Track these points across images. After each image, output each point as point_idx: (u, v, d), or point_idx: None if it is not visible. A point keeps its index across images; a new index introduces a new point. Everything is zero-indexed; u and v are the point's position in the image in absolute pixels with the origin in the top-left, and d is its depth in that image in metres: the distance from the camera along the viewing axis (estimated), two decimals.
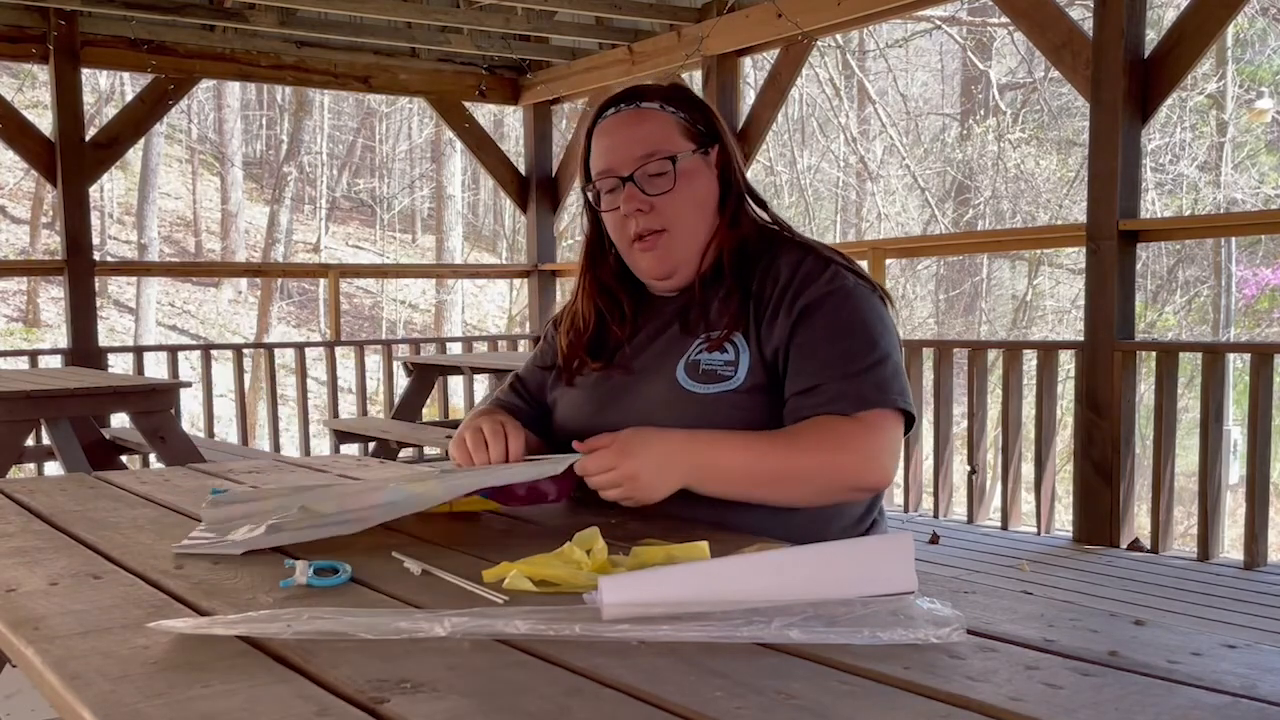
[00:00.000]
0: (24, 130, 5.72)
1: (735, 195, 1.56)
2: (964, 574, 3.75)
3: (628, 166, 1.50)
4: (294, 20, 5.88)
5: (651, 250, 1.52)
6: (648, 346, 1.55)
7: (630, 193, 1.50)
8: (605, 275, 1.62)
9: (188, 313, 18.11)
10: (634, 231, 1.52)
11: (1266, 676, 0.79)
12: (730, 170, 1.57)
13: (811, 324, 1.43)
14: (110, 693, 0.78)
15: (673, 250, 1.52)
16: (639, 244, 1.52)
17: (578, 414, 1.57)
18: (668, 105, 1.54)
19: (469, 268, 16.85)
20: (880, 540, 1.04)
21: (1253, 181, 13.84)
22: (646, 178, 1.50)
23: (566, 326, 1.64)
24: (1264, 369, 3.83)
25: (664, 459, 1.32)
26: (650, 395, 1.49)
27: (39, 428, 4.84)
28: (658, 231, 1.51)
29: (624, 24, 6.21)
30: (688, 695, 0.76)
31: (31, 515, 1.48)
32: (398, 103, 19.94)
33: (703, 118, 1.56)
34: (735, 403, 1.43)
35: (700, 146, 1.54)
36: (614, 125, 1.55)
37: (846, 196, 17.45)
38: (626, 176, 1.50)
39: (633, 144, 1.51)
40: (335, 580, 1.07)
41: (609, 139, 1.54)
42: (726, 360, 1.46)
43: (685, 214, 1.51)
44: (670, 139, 1.51)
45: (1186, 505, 8.28)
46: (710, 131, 1.56)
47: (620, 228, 1.54)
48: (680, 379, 1.47)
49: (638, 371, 1.54)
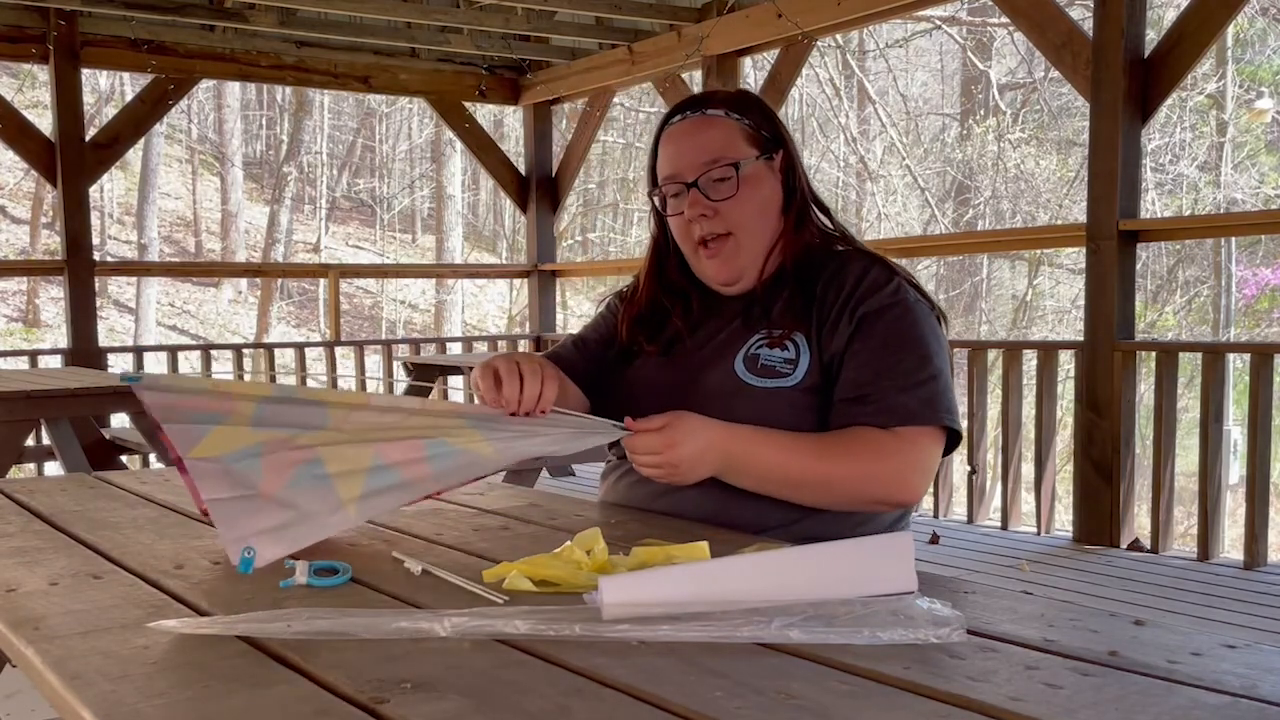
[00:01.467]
0: (24, 130, 5.72)
1: (799, 200, 1.58)
2: (964, 574, 3.74)
3: (692, 172, 1.52)
4: (294, 20, 5.88)
5: (716, 256, 1.54)
6: (709, 342, 1.57)
7: (694, 198, 1.52)
8: (673, 274, 1.64)
9: (188, 313, 18.11)
10: (698, 236, 1.54)
11: (1266, 676, 0.79)
12: (794, 176, 1.58)
13: (869, 333, 1.45)
14: (110, 693, 0.78)
15: (738, 255, 1.54)
16: (704, 250, 1.55)
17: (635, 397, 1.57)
18: (733, 112, 1.55)
19: (469, 268, 16.85)
20: (880, 540, 1.04)
21: (1253, 181, 13.84)
22: (711, 183, 1.51)
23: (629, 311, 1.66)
24: (1264, 369, 3.83)
25: (705, 448, 1.35)
26: (709, 386, 1.51)
27: (39, 428, 4.84)
28: (723, 236, 1.53)
29: (624, 24, 6.21)
30: (688, 695, 0.76)
31: (31, 515, 1.48)
32: (398, 103, 19.95)
33: (768, 123, 1.58)
34: (791, 400, 1.45)
35: (764, 152, 1.56)
36: (680, 132, 1.56)
37: (846, 196, 17.45)
38: (691, 182, 1.52)
39: (698, 150, 1.53)
40: (335, 580, 1.07)
41: (675, 145, 1.56)
42: (787, 358, 1.48)
43: (749, 219, 1.53)
44: (734, 145, 1.53)
45: (1186, 505, 8.28)
46: (775, 137, 1.58)
47: (685, 233, 1.56)
48: (738, 370, 1.49)
49: (699, 364, 1.55)
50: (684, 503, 1.46)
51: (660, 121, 1.61)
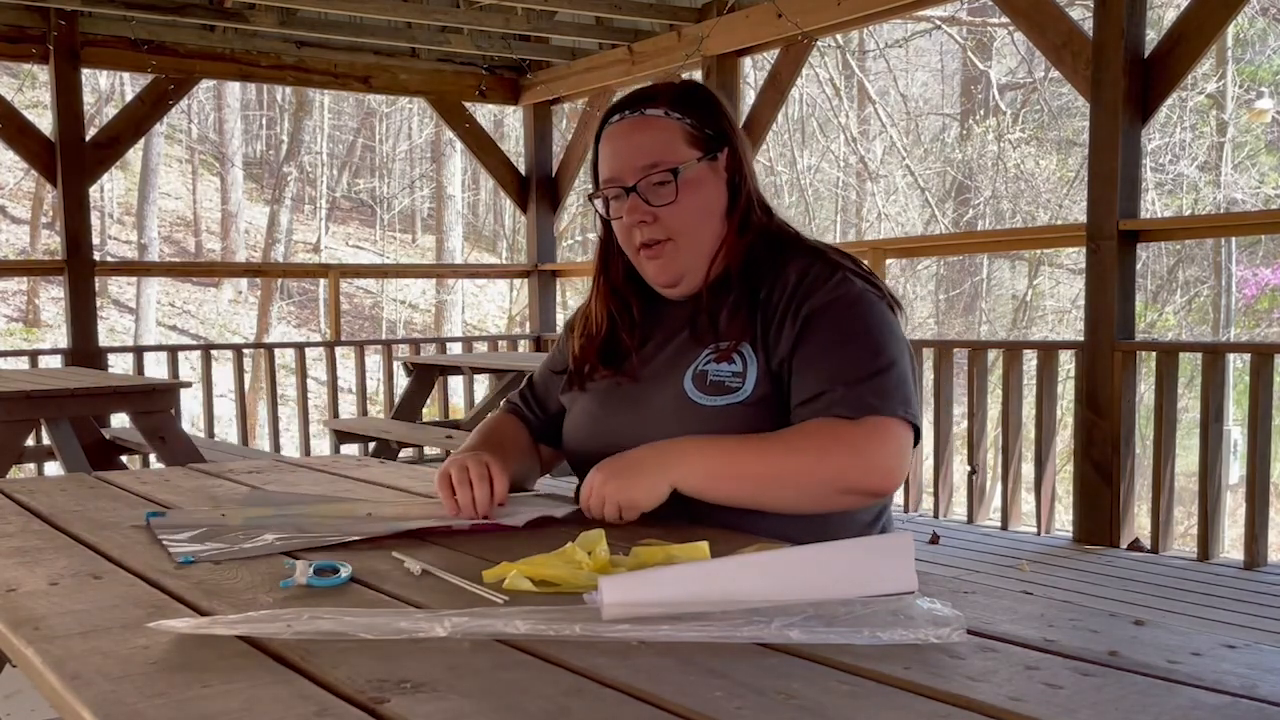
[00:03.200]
0: (24, 130, 5.72)
1: (744, 202, 1.53)
2: (964, 574, 3.74)
3: (631, 176, 1.48)
4: (294, 20, 5.88)
5: (657, 259, 1.50)
6: (656, 355, 1.53)
7: (634, 203, 1.48)
8: (616, 279, 1.60)
9: (188, 313, 18.11)
10: (639, 241, 1.50)
11: (1266, 676, 0.79)
12: (740, 175, 1.53)
13: (816, 332, 1.40)
14: (110, 693, 0.78)
15: (678, 259, 1.50)
16: (645, 252, 1.51)
17: (587, 421, 1.57)
18: (674, 111, 1.49)
19: (469, 268, 16.85)
20: (880, 540, 1.04)
21: (1253, 181, 13.84)
22: (650, 188, 1.47)
23: (580, 330, 1.63)
24: (1264, 369, 3.83)
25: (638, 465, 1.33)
26: (658, 405, 1.48)
27: (39, 428, 4.84)
28: (662, 241, 1.49)
29: (624, 24, 6.21)
30: (688, 695, 0.76)
31: (31, 515, 1.48)
32: (398, 103, 19.94)
33: (712, 121, 1.52)
34: (743, 415, 1.41)
35: (707, 153, 1.50)
36: (618, 133, 1.51)
37: (846, 196, 17.45)
38: (630, 187, 1.48)
39: (636, 153, 1.48)
40: (335, 580, 1.07)
41: (613, 146, 1.51)
42: (734, 371, 1.43)
43: (690, 224, 1.49)
44: (673, 148, 1.48)
45: (1186, 505, 8.28)
46: (719, 134, 1.52)
47: (627, 236, 1.52)
48: (688, 389, 1.45)
49: (646, 380, 1.52)
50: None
51: (601, 119, 1.55)
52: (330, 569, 1.08)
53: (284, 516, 1.39)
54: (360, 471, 1.83)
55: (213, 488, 1.69)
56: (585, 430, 1.56)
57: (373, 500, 1.53)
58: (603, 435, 1.51)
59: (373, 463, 1.98)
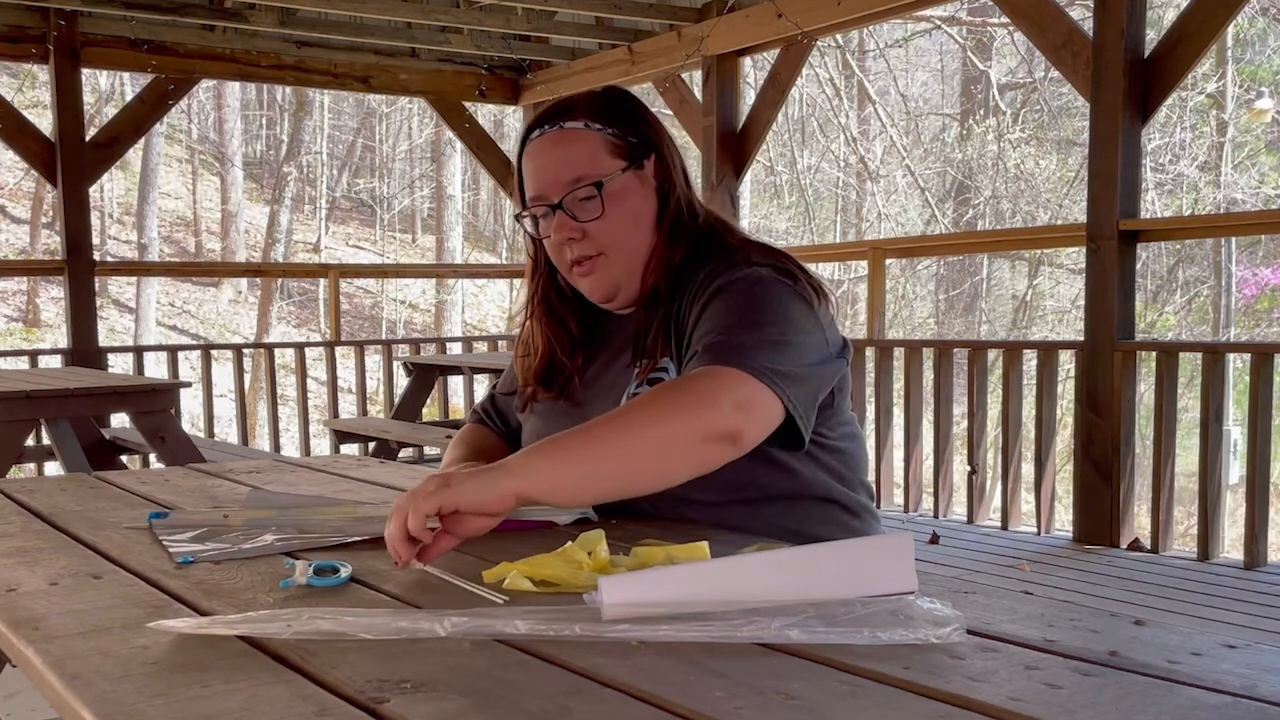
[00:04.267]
0: (24, 130, 5.72)
1: (674, 208, 1.47)
2: (964, 574, 3.75)
3: (555, 193, 1.43)
4: (294, 20, 5.88)
5: (590, 274, 1.46)
6: (599, 377, 1.51)
7: (561, 220, 1.43)
8: (552, 299, 1.56)
9: (188, 313, 18.12)
10: (570, 259, 1.46)
11: (1266, 676, 0.79)
12: (669, 182, 1.47)
13: (709, 309, 1.36)
14: (110, 693, 0.78)
15: (611, 272, 1.45)
16: (577, 269, 1.46)
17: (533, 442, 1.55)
18: (594, 122, 1.44)
19: (469, 268, 16.85)
20: (880, 540, 1.04)
21: (1253, 181, 13.85)
22: (576, 203, 1.42)
23: (520, 353, 1.60)
24: (1264, 369, 3.83)
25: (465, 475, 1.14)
26: None
27: (39, 428, 4.84)
28: (594, 256, 1.44)
29: (624, 24, 6.21)
30: (688, 695, 0.76)
31: (31, 515, 1.48)
32: (398, 103, 19.94)
33: (634, 128, 1.46)
34: None
35: (632, 162, 1.44)
36: (539, 149, 1.46)
37: (846, 196, 17.45)
38: (555, 204, 1.43)
39: (559, 168, 1.43)
40: (335, 580, 1.07)
41: (536, 163, 1.46)
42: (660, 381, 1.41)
43: (619, 237, 1.44)
44: (596, 160, 1.43)
45: (1186, 505, 8.29)
46: (643, 142, 1.46)
47: (559, 254, 1.48)
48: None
49: (588, 402, 1.49)
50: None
51: (521, 134, 1.51)
52: (330, 569, 1.08)
53: (284, 517, 1.39)
54: (360, 471, 1.83)
55: (213, 488, 1.69)
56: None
57: (373, 501, 1.53)
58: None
59: (373, 463, 1.98)
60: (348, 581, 1.08)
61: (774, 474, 1.40)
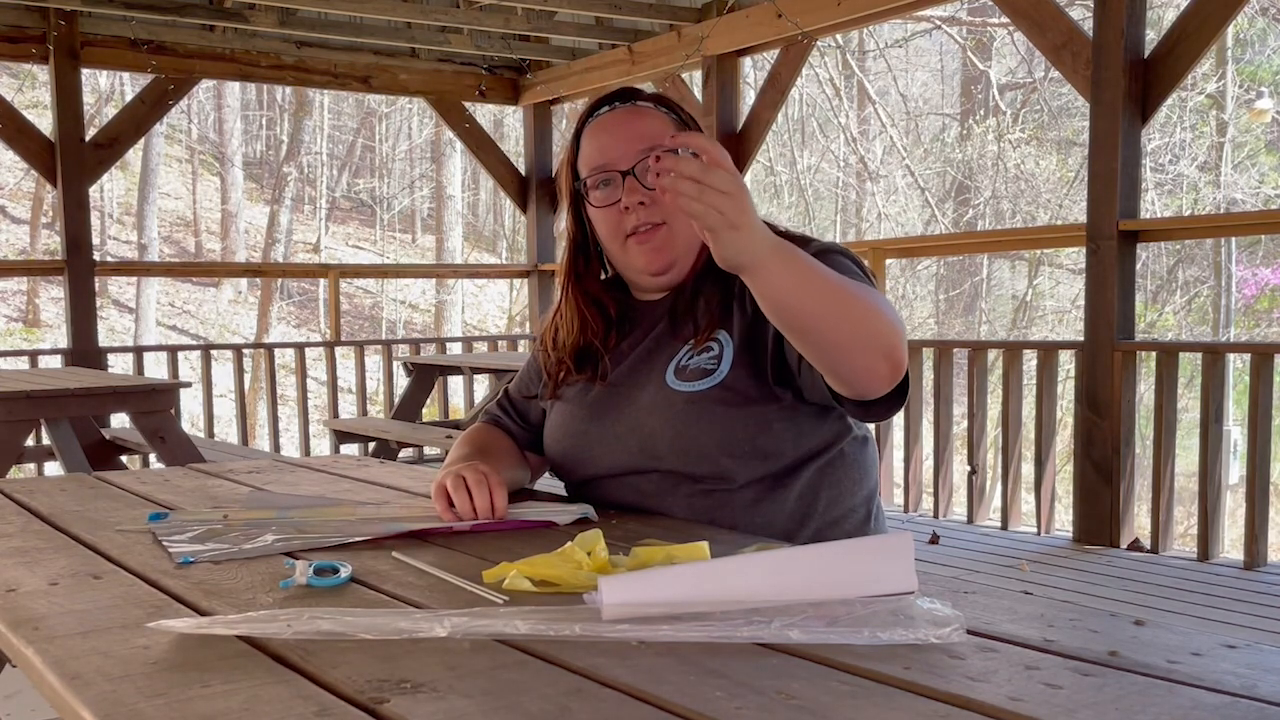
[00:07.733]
0: (24, 130, 5.72)
1: None
2: (964, 574, 3.75)
3: (627, 161, 1.49)
4: (294, 20, 5.88)
5: (648, 243, 1.51)
6: (631, 354, 1.55)
7: (631, 185, 1.48)
8: (590, 282, 1.61)
9: (188, 313, 18.11)
10: (631, 226, 1.51)
11: (1266, 676, 0.79)
12: None
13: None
14: (110, 693, 0.78)
15: (672, 243, 1.51)
16: (635, 238, 1.51)
17: (568, 422, 1.57)
18: (660, 106, 1.55)
19: (469, 268, 16.84)
20: (880, 540, 1.04)
21: (1253, 181, 13.84)
22: (647, 171, 1.47)
23: (551, 336, 1.63)
24: (1264, 369, 3.83)
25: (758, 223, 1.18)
26: (640, 400, 1.49)
27: (39, 428, 4.84)
28: (656, 225, 1.50)
29: (624, 24, 6.21)
30: (688, 695, 0.76)
31: (31, 515, 1.48)
32: (398, 103, 19.94)
33: (692, 120, 1.57)
34: (721, 396, 1.43)
35: None
36: (611, 122, 1.54)
37: (846, 196, 17.45)
38: (627, 170, 1.49)
39: (632, 138, 1.50)
40: (335, 580, 1.07)
41: (606, 136, 1.53)
42: (711, 356, 1.46)
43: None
44: (669, 134, 1.49)
45: (1186, 505, 8.29)
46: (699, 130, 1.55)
47: (616, 224, 1.52)
48: (669, 381, 1.47)
49: (625, 380, 1.53)
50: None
51: (582, 116, 1.58)
52: (330, 569, 1.08)
53: (284, 517, 1.39)
54: (360, 471, 1.83)
55: (213, 488, 1.69)
56: (564, 431, 1.57)
57: (373, 501, 1.53)
58: (585, 435, 1.53)
59: (373, 463, 1.98)
60: (348, 581, 1.08)
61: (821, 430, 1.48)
